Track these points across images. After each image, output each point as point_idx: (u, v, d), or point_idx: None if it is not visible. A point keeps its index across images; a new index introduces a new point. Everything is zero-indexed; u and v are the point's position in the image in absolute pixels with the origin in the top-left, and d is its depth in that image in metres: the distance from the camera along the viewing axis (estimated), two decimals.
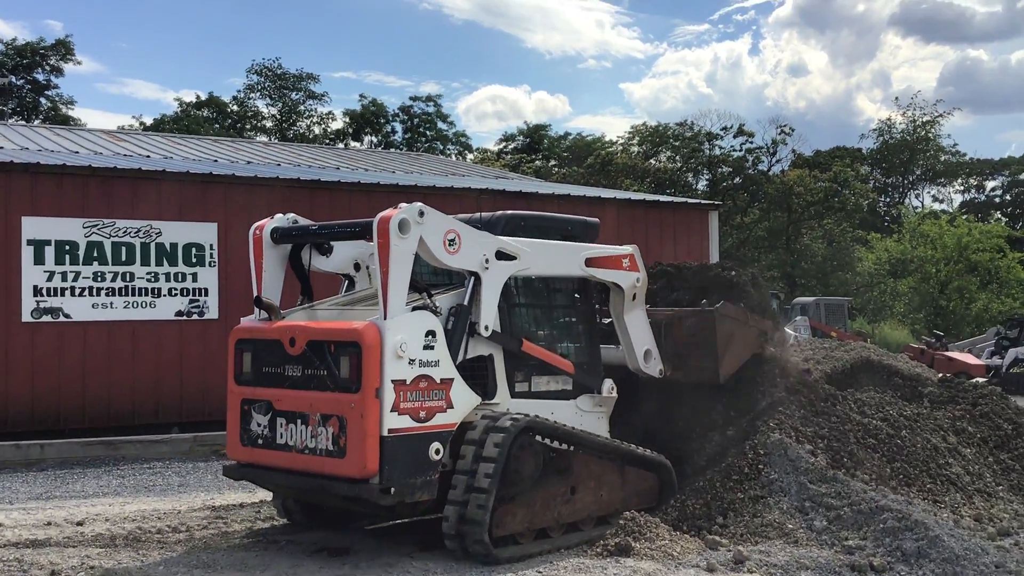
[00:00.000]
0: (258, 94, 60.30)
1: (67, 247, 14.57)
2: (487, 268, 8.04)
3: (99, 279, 14.74)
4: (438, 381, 7.57)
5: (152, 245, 15.11)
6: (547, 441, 8.14)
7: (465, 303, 7.97)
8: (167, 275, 15.20)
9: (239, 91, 60.90)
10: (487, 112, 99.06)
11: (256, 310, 8.46)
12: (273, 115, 60.80)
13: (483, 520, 7.37)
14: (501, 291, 8.24)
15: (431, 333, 7.56)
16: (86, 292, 14.66)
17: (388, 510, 7.65)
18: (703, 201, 24.68)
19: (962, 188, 72.37)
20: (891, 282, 49.25)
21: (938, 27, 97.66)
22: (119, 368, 14.84)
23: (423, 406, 7.46)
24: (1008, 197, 71.70)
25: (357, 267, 9.20)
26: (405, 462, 7.33)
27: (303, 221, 8.85)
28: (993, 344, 31.04)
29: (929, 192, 71.04)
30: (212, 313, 15.50)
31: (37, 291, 14.34)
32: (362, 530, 8.74)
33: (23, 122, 45.68)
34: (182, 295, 15.31)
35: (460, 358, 7.89)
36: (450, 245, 7.78)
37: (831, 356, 12.93)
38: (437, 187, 18.03)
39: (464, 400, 7.77)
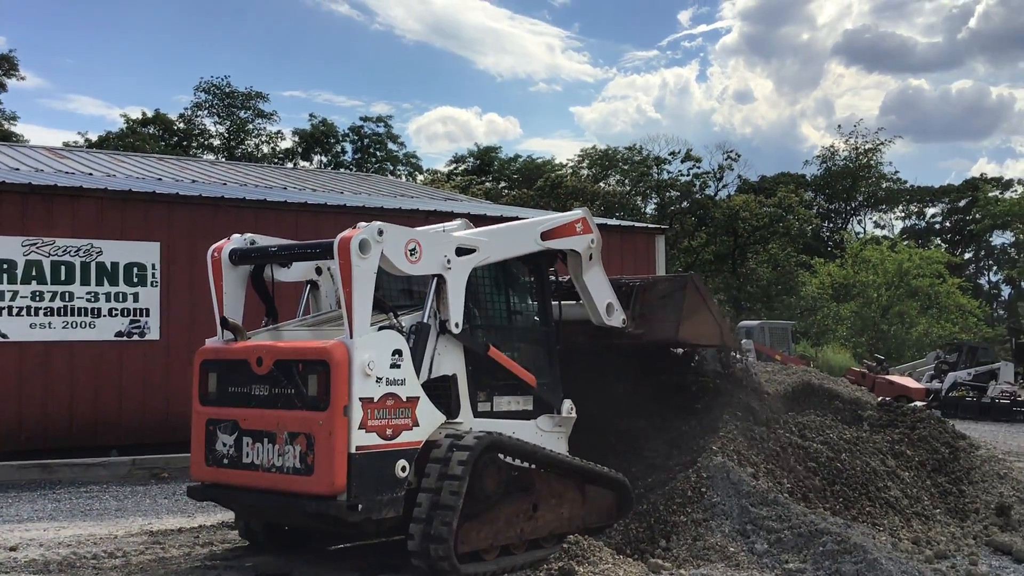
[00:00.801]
0: (206, 112, 59.83)
1: (5, 265, 14.27)
2: (450, 268, 8.15)
3: (37, 298, 14.45)
4: (404, 399, 7.61)
5: (92, 264, 14.86)
6: (510, 459, 8.21)
7: (425, 320, 8.01)
8: (107, 295, 14.94)
9: (186, 108, 60.41)
10: (438, 133, 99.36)
11: (220, 331, 8.44)
12: (221, 133, 60.31)
13: (449, 537, 7.39)
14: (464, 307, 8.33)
15: (397, 352, 7.60)
16: (24, 311, 14.35)
17: (355, 527, 7.62)
18: (651, 225, 24.90)
19: (903, 215, 73.93)
20: (834, 306, 50.05)
21: (880, 57, 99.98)
22: (56, 389, 14.54)
23: (390, 424, 7.49)
24: (948, 224, 73.39)
25: (319, 271, 9.24)
26: (372, 479, 7.35)
27: (261, 241, 8.82)
28: (933, 368, 31.65)
29: (871, 218, 72.47)
30: (153, 334, 15.27)
31: None
32: (303, 556, 8.62)
33: None
34: (122, 315, 15.05)
35: (425, 377, 7.95)
36: (411, 255, 7.87)
37: (774, 380, 13.07)
38: (385, 208, 17.97)
39: (429, 418, 7.83)
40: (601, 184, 59.04)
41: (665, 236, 22.24)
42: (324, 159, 62.05)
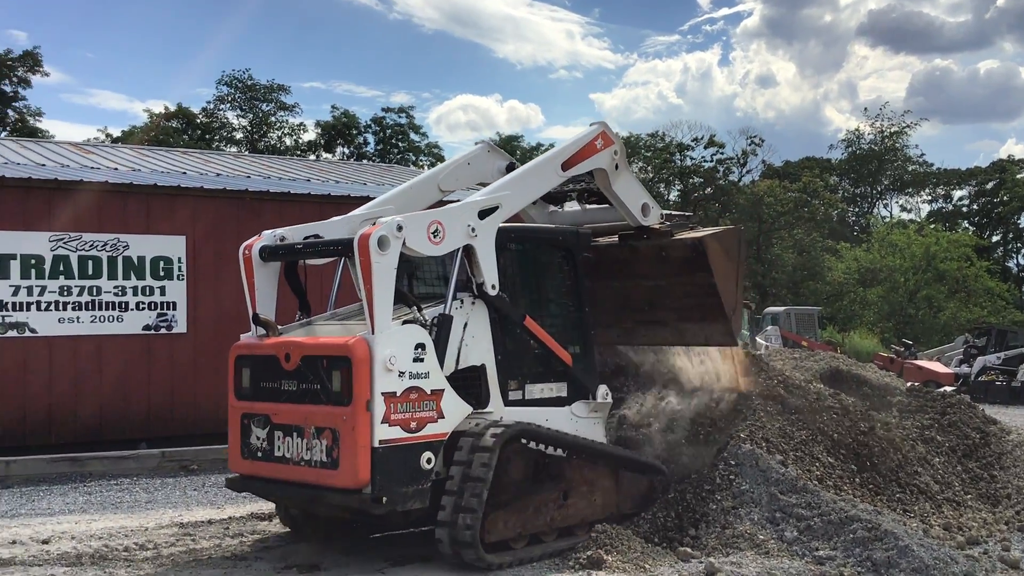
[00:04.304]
0: (228, 105, 60.06)
1: (33, 261, 14.38)
2: (475, 235, 8.15)
3: (65, 293, 14.57)
4: (428, 392, 7.71)
5: (119, 259, 14.95)
6: (539, 447, 8.26)
7: (448, 311, 8.00)
8: (134, 289, 15.04)
9: (208, 102, 60.66)
10: (459, 122, 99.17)
11: (254, 327, 8.57)
12: (243, 126, 60.55)
13: (474, 527, 7.48)
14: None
15: (420, 346, 7.68)
16: (52, 307, 14.47)
17: (381, 519, 7.77)
18: (675, 212, 24.78)
19: (930, 198, 73.20)
20: (860, 291, 49.71)
21: (907, 37, 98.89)
22: (85, 383, 14.66)
23: (414, 417, 7.60)
24: (975, 207, 72.56)
25: None
26: (396, 472, 7.47)
27: (291, 234, 8.89)
28: (961, 352, 31.35)
29: (897, 202, 71.84)
30: (180, 327, 15.36)
31: (3, 306, 14.14)
32: (337, 545, 8.65)
33: None
34: (150, 309, 15.15)
35: (452, 368, 8.00)
36: (435, 236, 7.91)
37: (801, 366, 12.95)
38: None
39: (455, 410, 7.91)
40: None
41: (691, 221, 22.07)
42: (346, 151, 62.15)
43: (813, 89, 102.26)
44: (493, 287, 8.24)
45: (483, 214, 8.28)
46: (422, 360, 7.67)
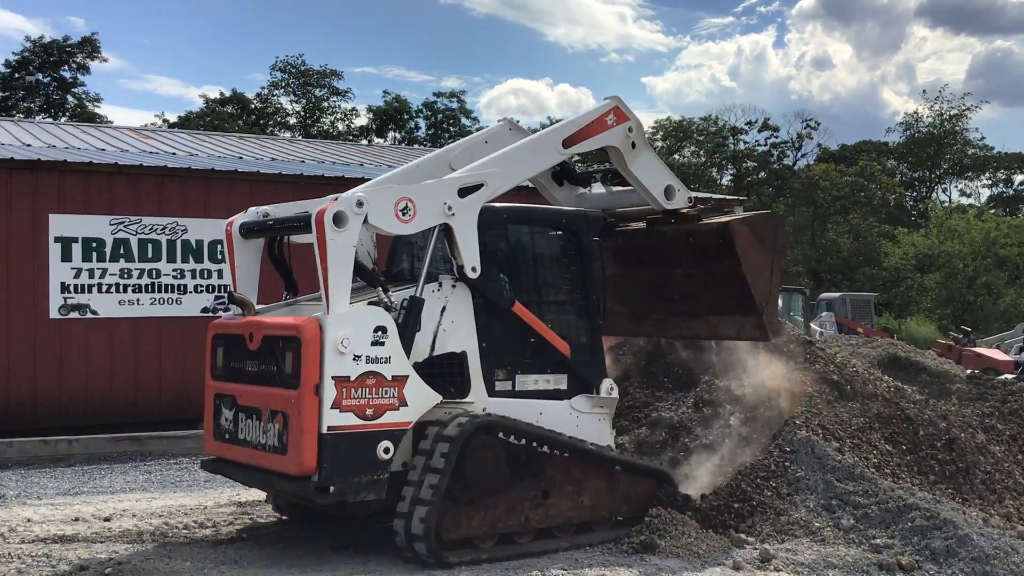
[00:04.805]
0: (282, 91, 60.59)
1: (94, 244, 14.68)
2: (453, 214, 7.65)
3: (126, 276, 14.85)
4: (389, 378, 7.25)
5: (178, 242, 15.21)
6: (515, 441, 7.74)
7: (419, 294, 7.52)
8: (193, 272, 15.29)
9: (263, 88, 61.30)
10: (510, 106, 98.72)
11: (231, 305, 8.43)
12: (297, 112, 61.06)
13: (429, 521, 7.09)
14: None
15: (381, 329, 7.24)
16: (113, 289, 14.76)
17: (337, 508, 7.38)
18: (728, 196, 24.58)
19: (990, 182, 71.56)
20: (918, 277, 48.91)
21: (967, 18, 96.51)
22: (146, 364, 14.94)
23: (370, 404, 7.17)
24: None
25: None
26: (347, 461, 7.08)
27: (275, 214, 8.58)
28: (1021, 340, 30.72)
29: (956, 186, 70.37)
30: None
31: (64, 288, 14.46)
32: (383, 526, 8.73)
33: (50, 120, 46.04)
34: (208, 292, 15.40)
35: (426, 354, 7.60)
36: (403, 214, 7.44)
37: (858, 352, 12.82)
38: None
39: (420, 398, 7.40)
40: (676, 156, 58.43)
41: (743, 207, 21.91)
42: (398, 135, 62.39)
43: (870, 71, 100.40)
44: (474, 269, 7.69)
45: (464, 192, 7.72)
46: (382, 344, 7.20)
